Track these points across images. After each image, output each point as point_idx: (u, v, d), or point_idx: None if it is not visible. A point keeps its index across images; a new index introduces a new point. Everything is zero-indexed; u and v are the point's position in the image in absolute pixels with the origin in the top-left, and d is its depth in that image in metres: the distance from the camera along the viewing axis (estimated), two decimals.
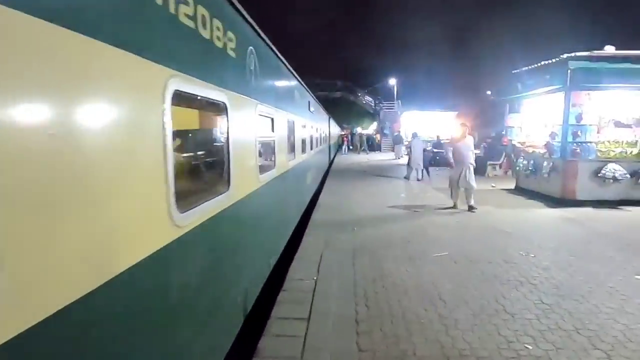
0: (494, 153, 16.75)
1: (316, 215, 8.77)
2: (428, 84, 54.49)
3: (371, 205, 9.88)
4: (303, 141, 8.37)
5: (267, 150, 4.98)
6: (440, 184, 13.17)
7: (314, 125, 11.73)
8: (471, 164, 9.03)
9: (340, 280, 4.95)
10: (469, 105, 32.80)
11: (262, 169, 4.35)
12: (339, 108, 52.59)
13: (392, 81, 50.12)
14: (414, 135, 16.10)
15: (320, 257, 5.84)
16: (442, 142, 23.54)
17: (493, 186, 13.01)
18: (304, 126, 8.62)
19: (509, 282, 4.86)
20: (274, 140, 5.05)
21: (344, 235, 7.06)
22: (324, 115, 17.38)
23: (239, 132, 3.35)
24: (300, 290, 4.68)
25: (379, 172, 18.07)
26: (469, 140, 9.21)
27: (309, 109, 9.75)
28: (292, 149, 6.85)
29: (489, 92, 53.29)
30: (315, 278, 5.04)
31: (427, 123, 29.24)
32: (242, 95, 3.47)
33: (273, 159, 5.04)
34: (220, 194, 2.88)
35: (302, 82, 8.22)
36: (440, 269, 5.33)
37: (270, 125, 4.96)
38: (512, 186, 12.37)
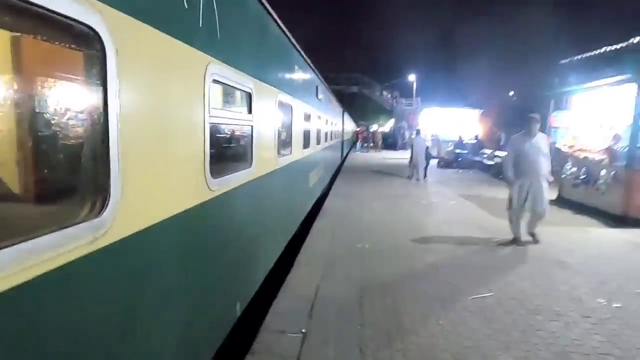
0: None
1: (319, 225, 7.17)
2: (449, 80, 52.08)
3: (387, 214, 8.22)
4: (306, 134, 6.77)
5: (235, 140, 3.40)
6: (461, 189, 11.43)
7: (323, 116, 10.13)
8: (545, 175, 6.09)
9: (339, 338, 3.34)
10: (495, 103, 30.65)
11: (221, 167, 2.74)
12: (354, 104, 50.88)
13: (412, 77, 48.09)
14: (417, 133, 14.91)
15: (316, 293, 4.24)
16: (464, 142, 21.71)
17: None
18: (308, 115, 7.00)
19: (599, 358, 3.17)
20: (251, 127, 3.43)
21: (351, 257, 5.44)
22: (336, 107, 15.70)
23: None
24: (278, 355, 3.08)
25: (396, 172, 16.31)
26: (542, 140, 6.17)
27: (316, 96, 8.14)
28: (285, 141, 5.26)
29: (511, 93, 50.81)
30: (303, 331, 3.44)
31: (449, 121, 27.22)
32: None
33: (249, 153, 3.43)
34: None
35: (308, 59, 6.60)
36: (484, 322, 3.66)
37: (246, 103, 3.35)
38: (553, 196, 10.54)
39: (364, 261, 5.28)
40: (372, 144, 34.16)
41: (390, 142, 35.16)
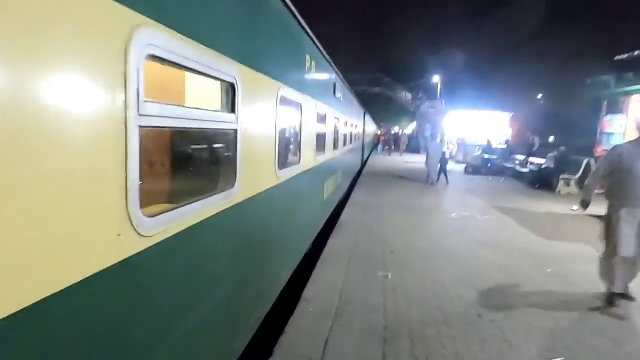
0: (566, 164, 13.42)
1: (333, 243, 6.16)
2: (477, 81, 50.00)
3: (412, 232, 7.14)
4: (320, 138, 5.78)
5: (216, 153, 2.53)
6: (494, 200, 10.18)
7: (342, 117, 9.15)
8: None
9: None
10: (527, 105, 28.95)
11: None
12: (376, 105, 49.64)
13: (436, 78, 46.67)
14: (432, 138, 15.45)
15: (325, 346, 3.23)
16: (493, 146, 20.28)
17: (574, 209, 9.84)
18: (323, 116, 6.00)
19: None
20: (234, 132, 2.44)
21: (370, 290, 4.41)
22: (357, 107, 14.66)
23: None
24: None
25: (419, 178, 15.15)
26: None
27: (334, 94, 7.14)
28: (290, 149, 4.31)
29: (539, 96, 48.54)
30: None
31: (476, 124, 25.73)
32: None
33: (232, 172, 2.45)
34: None
35: (323, 50, 5.61)
36: None
37: (226, 97, 2.37)
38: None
39: (387, 299, 4.24)
40: (392, 147, 32.86)
41: (412, 146, 33.75)
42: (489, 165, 18.62)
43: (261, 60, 2.82)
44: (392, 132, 41.29)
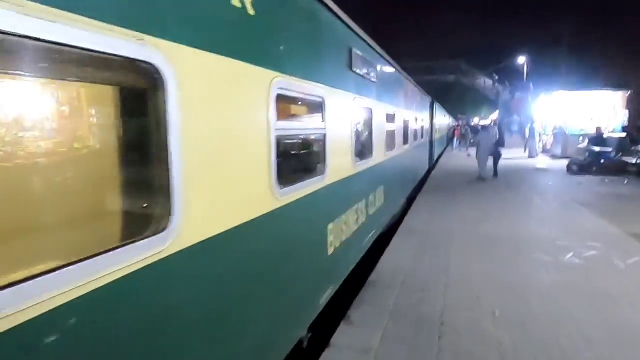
0: None
1: (341, 338, 3.51)
2: (574, 57, 42.50)
3: (501, 298, 4.19)
4: (349, 140, 3.63)
5: None
6: (630, 221, 6.51)
7: (394, 110, 6.56)
8: None
9: None
10: None
11: None
12: (451, 94, 45.02)
13: (521, 59, 40.82)
14: (482, 128, 14.12)
15: None
16: (605, 136, 15.57)
17: None
18: (367, 111, 3.53)
19: None
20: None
21: None
22: (420, 97, 11.55)
23: None
24: None
25: (507, 186, 11.57)
26: None
27: (372, 78, 4.62)
28: (294, 160, 3.28)
29: None
30: None
31: (578, 108, 20.64)
32: None
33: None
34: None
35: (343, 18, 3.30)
36: None
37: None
38: None
39: None
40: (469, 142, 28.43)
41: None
42: (602, 161, 14.19)
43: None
44: (471, 124, 36.56)
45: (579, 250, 5.60)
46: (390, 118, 6.54)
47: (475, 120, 48.48)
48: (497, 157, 13.45)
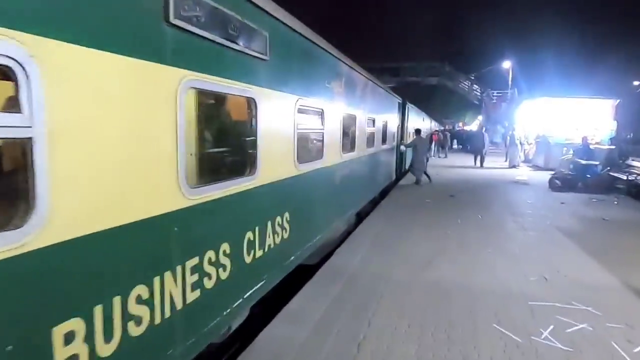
0: None
1: None
2: (561, 63, 41.38)
3: None
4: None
5: None
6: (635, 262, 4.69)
7: (334, 108, 4.83)
8: None
9: None
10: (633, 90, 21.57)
11: None
12: (434, 98, 43.46)
13: (507, 64, 39.81)
14: (417, 132, 12.84)
15: None
16: (591, 146, 13.93)
17: None
18: None
19: None
20: None
21: None
22: (381, 96, 9.64)
23: None
24: None
25: (491, 202, 9.78)
26: None
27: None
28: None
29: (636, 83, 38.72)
30: None
31: (563, 116, 19.09)
32: None
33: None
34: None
35: None
36: None
37: None
38: None
39: None
40: (449, 147, 26.75)
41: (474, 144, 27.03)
42: (588, 175, 12.54)
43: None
44: (447, 128, 35.10)
45: (561, 322, 3.73)
46: (318, 118, 4.70)
47: (460, 125, 46.99)
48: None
